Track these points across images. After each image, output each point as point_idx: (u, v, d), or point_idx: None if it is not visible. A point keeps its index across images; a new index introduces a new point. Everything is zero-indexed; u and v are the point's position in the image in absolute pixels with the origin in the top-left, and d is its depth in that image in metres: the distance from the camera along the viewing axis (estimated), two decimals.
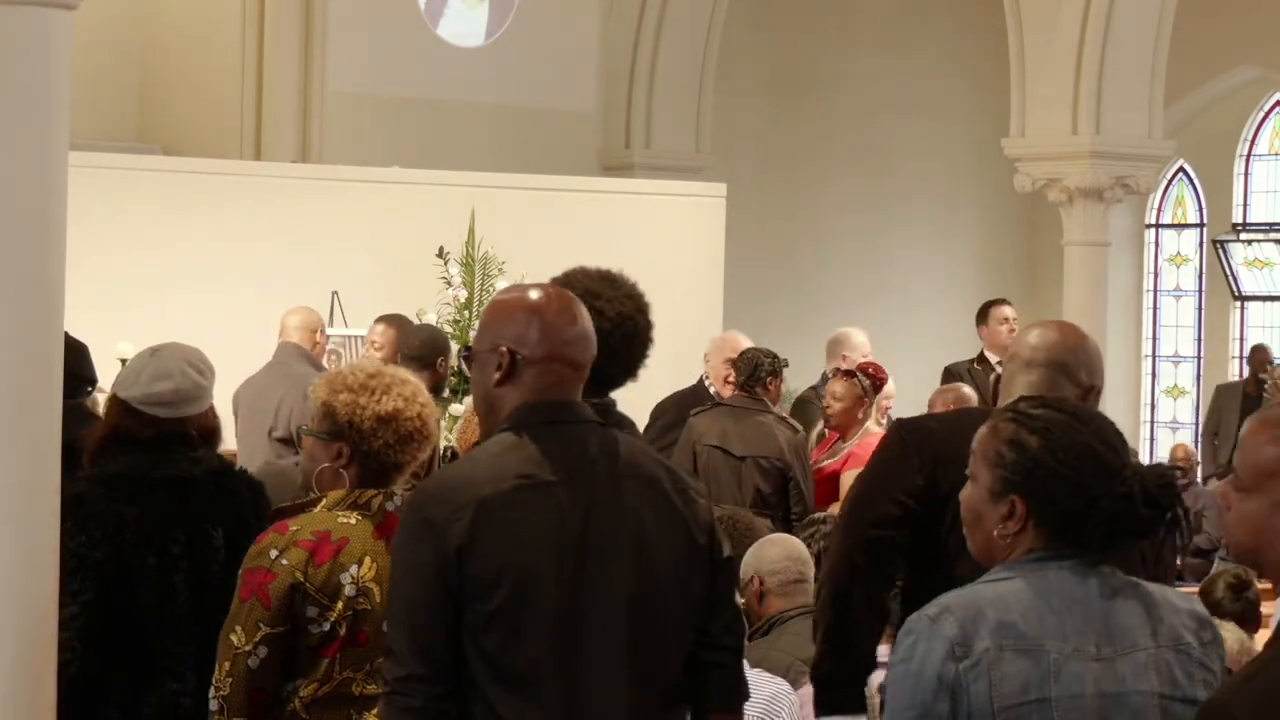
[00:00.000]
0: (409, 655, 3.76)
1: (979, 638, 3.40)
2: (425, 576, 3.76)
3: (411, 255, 11.58)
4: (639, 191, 13.79)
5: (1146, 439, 18.89)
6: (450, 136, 14.37)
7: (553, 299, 4.00)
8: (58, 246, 4.44)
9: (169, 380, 4.89)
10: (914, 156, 18.14)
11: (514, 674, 3.78)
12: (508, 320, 3.97)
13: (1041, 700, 3.40)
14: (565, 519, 3.83)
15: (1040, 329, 4.56)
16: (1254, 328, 18.62)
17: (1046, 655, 3.42)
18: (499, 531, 3.78)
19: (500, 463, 3.83)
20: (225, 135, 14.23)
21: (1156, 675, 3.47)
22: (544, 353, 3.92)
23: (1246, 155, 18.69)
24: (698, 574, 3.96)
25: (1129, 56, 13.07)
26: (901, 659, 3.45)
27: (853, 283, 17.67)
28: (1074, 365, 4.46)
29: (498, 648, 3.77)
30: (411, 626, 3.77)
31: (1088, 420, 3.54)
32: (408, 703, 3.76)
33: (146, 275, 11.55)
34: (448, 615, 3.76)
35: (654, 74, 15.93)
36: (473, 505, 3.77)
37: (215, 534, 4.85)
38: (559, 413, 3.93)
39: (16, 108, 4.36)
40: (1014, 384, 4.46)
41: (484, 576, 3.76)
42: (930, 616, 3.44)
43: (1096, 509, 3.46)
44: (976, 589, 3.49)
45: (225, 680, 4.40)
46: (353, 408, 4.54)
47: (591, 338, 4.02)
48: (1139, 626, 3.49)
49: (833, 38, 17.82)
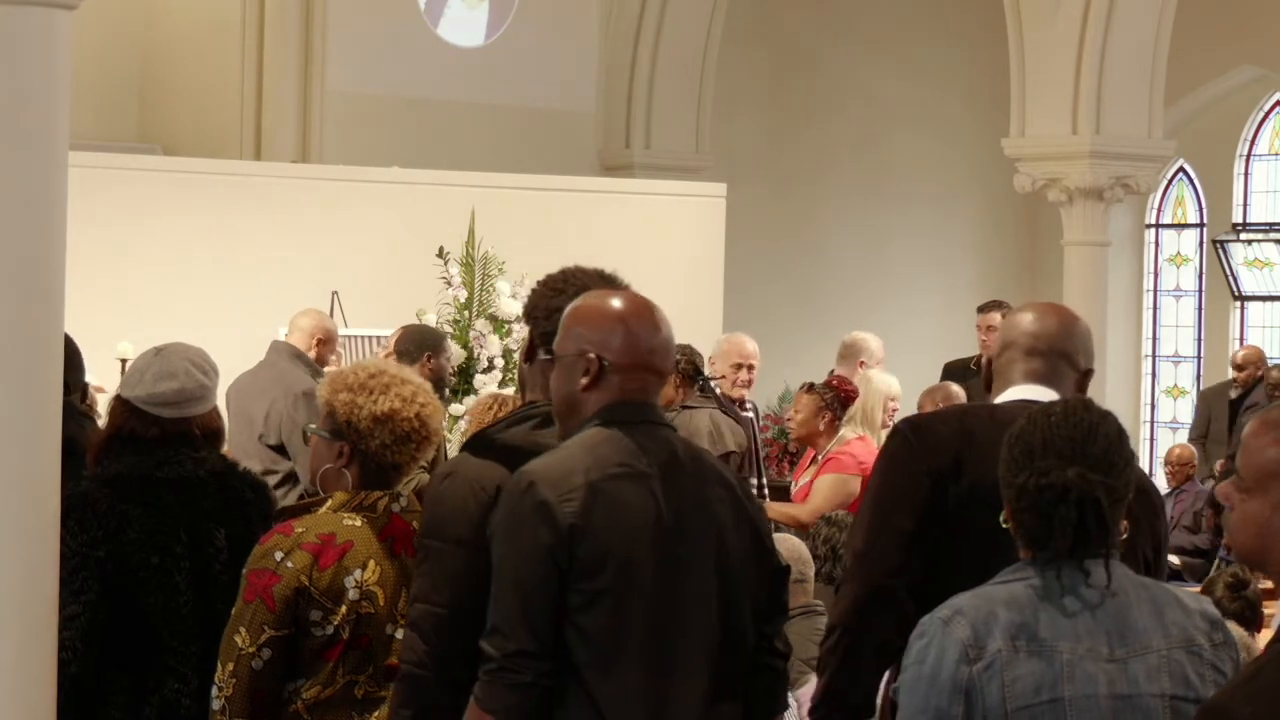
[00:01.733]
0: (520, 631, 3.86)
1: (991, 639, 3.41)
2: (539, 555, 3.87)
3: (411, 255, 11.58)
4: (639, 191, 13.79)
5: (1146, 439, 18.88)
6: (450, 136, 14.37)
7: (638, 306, 4.13)
8: (58, 246, 4.44)
9: (173, 380, 4.89)
10: (914, 156, 18.13)
11: (608, 654, 3.90)
12: (595, 326, 4.09)
13: (1054, 701, 3.41)
14: (661, 510, 3.97)
15: (1035, 314, 4.43)
16: (1254, 328, 18.61)
17: (1059, 656, 3.42)
18: (607, 514, 3.91)
19: (600, 452, 3.97)
20: (225, 135, 14.22)
21: (1169, 677, 3.48)
22: (630, 360, 4.06)
23: (1246, 155, 18.67)
24: (763, 578, 4.12)
25: (1129, 56, 13.07)
26: (915, 661, 3.45)
27: (853, 282, 17.67)
28: (1073, 351, 4.41)
29: (596, 628, 3.89)
30: (523, 604, 3.87)
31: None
32: (517, 679, 3.86)
33: (146, 275, 11.54)
34: (557, 594, 3.88)
35: (654, 74, 15.92)
36: (583, 488, 3.90)
37: (218, 534, 4.85)
38: (645, 413, 4.08)
39: (16, 108, 4.36)
40: (1013, 370, 4.39)
41: (592, 557, 3.89)
42: (943, 619, 3.45)
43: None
44: (988, 590, 3.49)
45: (229, 681, 4.40)
46: (351, 407, 4.55)
47: (672, 345, 4.18)
48: (1151, 627, 3.49)
49: (833, 38, 17.81)
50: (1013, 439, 3.54)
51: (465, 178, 12.63)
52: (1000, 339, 4.48)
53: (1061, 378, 4.33)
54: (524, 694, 3.86)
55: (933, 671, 3.41)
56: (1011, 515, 3.52)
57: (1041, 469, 3.46)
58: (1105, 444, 3.51)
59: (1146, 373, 19.26)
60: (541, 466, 3.98)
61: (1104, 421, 3.53)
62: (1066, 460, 3.47)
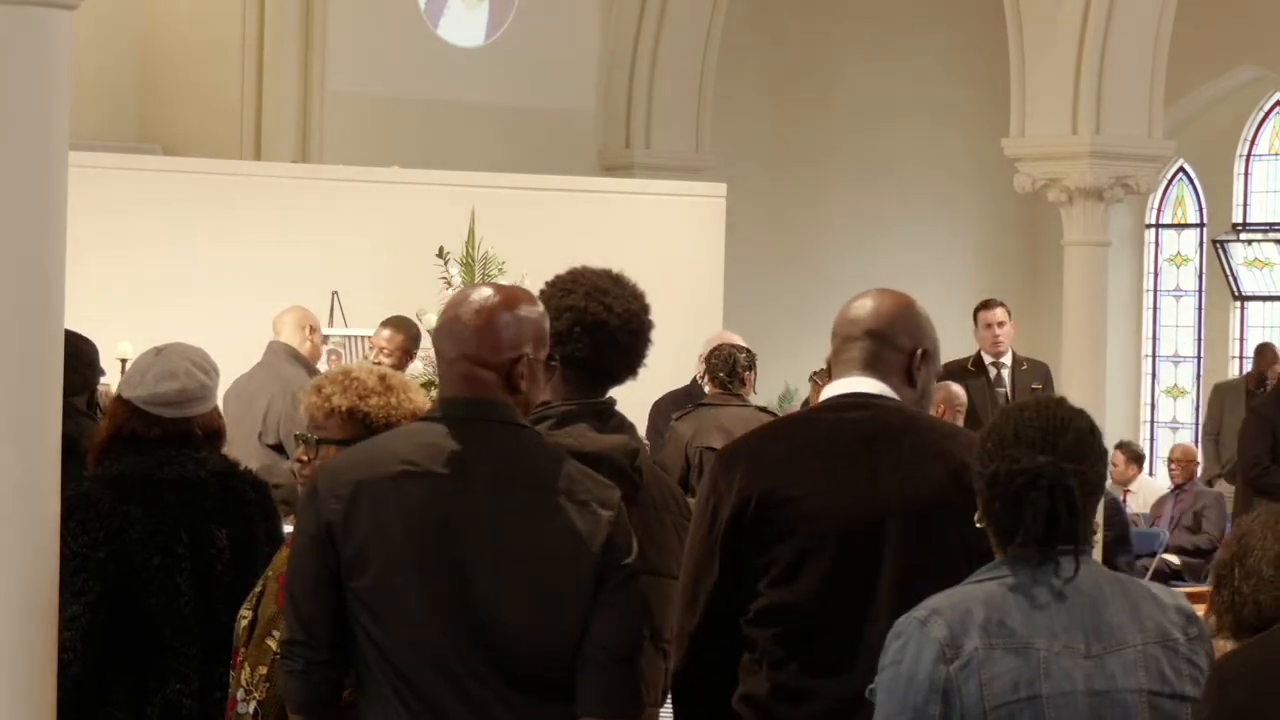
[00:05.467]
0: (291, 620, 4.00)
1: (968, 638, 3.41)
2: (307, 549, 3.98)
3: (411, 255, 11.58)
4: (639, 191, 13.79)
5: (1146, 439, 18.88)
6: (450, 136, 14.37)
7: (474, 297, 4.10)
8: (58, 246, 4.44)
9: (175, 380, 4.89)
10: (914, 156, 18.13)
11: (387, 655, 3.91)
12: (439, 321, 4.19)
13: (1032, 698, 3.40)
14: (444, 510, 3.92)
15: (858, 301, 4.40)
16: (1254, 328, 18.61)
17: (1036, 653, 3.42)
18: (372, 514, 3.92)
19: (395, 447, 4.01)
20: (225, 135, 14.22)
21: (1145, 672, 3.48)
22: (456, 352, 4.05)
23: (1246, 155, 18.68)
24: (579, 579, 3.96)
25: (1129, 56, 13.05)
26: (892, 662, 3.45)
27: (853, 282, 17.53)
28: (893, 332, 4.31)
29: (371, 624, 3.92)
30: (292, 595, 3.99)
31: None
32: (290, 666, 3.99)
33: (146, 275, 11.54)
34: (329, 586, 3.94)
35: (654, 74, 15.92)
36: (351, 485, 3.94)
37: (219, 535, 4.84)
38: (471, 409, 4.02)
39: (16, 108, 4.36)
40: (838, 361, 4.28)
41: (354, 557, 3.91)
42: (919, 619, 3.45)
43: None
44: (965, 589, 3.50)
45: (261, 684, 4.36)
46: (386, 409, 4.51)
47: (516, 333, 4.05)
48: (1127, 623, 3.49)
49: (833, 38, 17.81)
50: (985, 434, 3.56)
51: (465, 178, 12.63)
52: (834, 329, 4.38)
53: (882, 360, 4.24)
54: (299, 681, 3.96)
55: (910, 672, 3.41)
56: (984, 509, 3.52)
57: (1013, 456, 3.47)
58: (1077, 435, 3.51)
59: (1146, 373, 19.27)
60: (333, 461, 4.08)
61: (1076, 416, 3.55)
62: (1038, 449, 3.47)
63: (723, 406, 9.65)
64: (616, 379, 4.57)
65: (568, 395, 4.54)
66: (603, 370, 4.56)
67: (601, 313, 4.52)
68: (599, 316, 4.51)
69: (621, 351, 4.54)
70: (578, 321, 4.51)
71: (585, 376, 4.55)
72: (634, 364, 4.59)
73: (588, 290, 4.49)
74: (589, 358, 4.52)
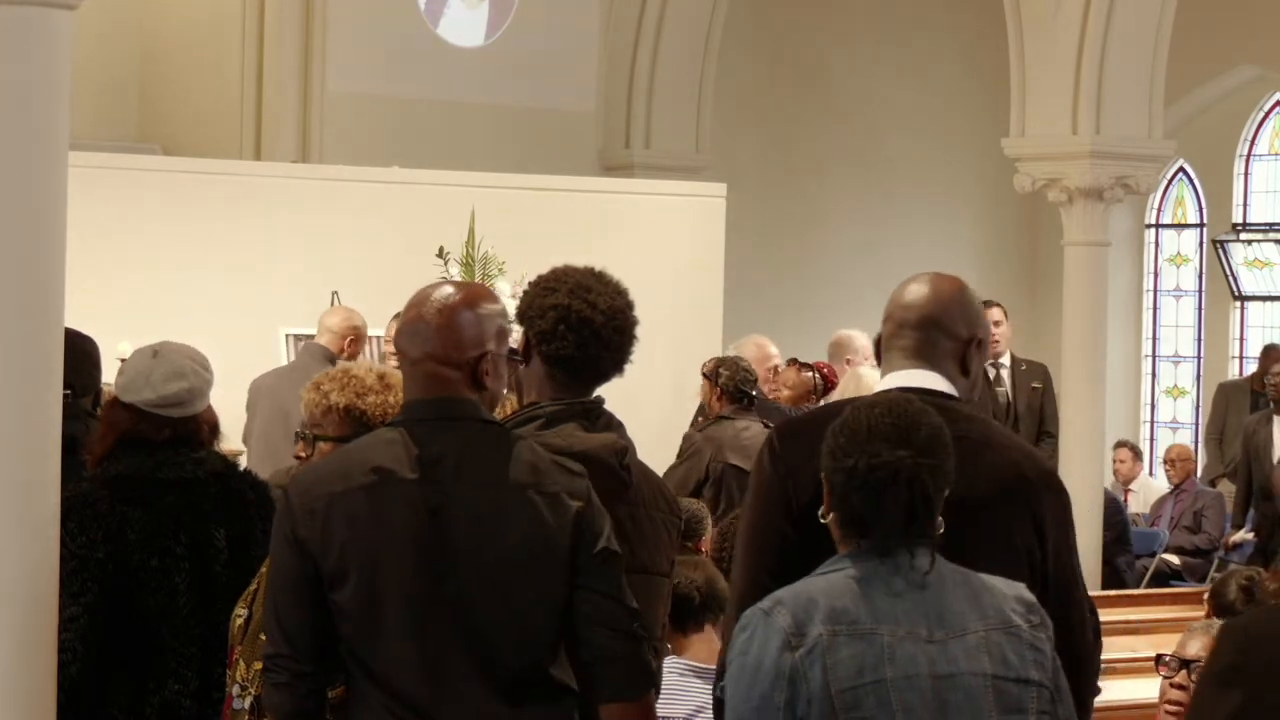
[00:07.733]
0: (274, 633, 3.99)
1: (812, 625, 3.50)
2: (285, 563, 3.99)
3: (411, 255, 11.56)
4: (639, 191, 13.78)
5: (1146, 439, 18.88)
6: (450, 136, 14.37)
7: (432, 295, 4.12)
8: (58, 246, 4.44)
9: (183, 380, 4.89)
10: (913, 156, 18.13)
11: (374, 662, 3.91)
12: (401, 322, 4.18)
13: (877, 682, 3.49)
14: (417, 514, 3.93)
15: (911, 286, 4.34)
16: (1254, 328, 18.61)
17: (879, 639, 3.52)
18: (347, 527, 3.92)
19: (365, 456, 4.00)
20: (225, 135, 14.22)
21: (988, 657, 3.57)
22: (419, 351, 4.08)
23: (1246, 155, 18.67)
24: (554, 571, 3.98)
25: (1129, 56, 13.05)
26: (739, 653, 3.53)
27: (852, 281, 17.65)
28: (950, 320, 4.22)
29: (355, 636, 3.93)
30: (274, 608, 3.98)
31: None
32: (275, 679, 3.98)
33: (146, 275, 11.53)
34: (309, 599, 3.94)
35: (654, 74, 15.91)
36: (325, 499, 3.95)
37: (218, 535, 4.84)
38: (438, 409, 4.03)
39: (16, 107, 4.36)
40: (890, 349, 4.24)
41: (335, 570, 3.92)
42: (764, 610, 3.54)
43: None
44: (807, 581, 3.59)
45: (257, 680, 4.37)
46: (384, 408, 4.52)
47: (475, 329, 4.09)
48: (967, 610, 3.60)
49: (832, 38, 17.81)
50: (836, 429, 3.64)
51: (465, 178, 12.63)
52: (885, 315, 4.29)
53: (937, 347, 4.17)
54: (284, 694, 3.95)
55: (756, 661, 3.50)
56: (836, 502, 3.61)
57: (871, 451, 3.56)
58: (930, 432, 3.62)
59: (1146, 373, 19.26)
60: (303, 475, 4.07)
61: (925, 414, 3.65)
62: (895, 444, 3.57)
63: (736, 421, 9.51)
64: (604, 376, 4.55)
65: (555, 394, 4.52)
66: (590, 368, 4.54)
67: (586, 310, 4.50)
68: (584, 314, 4.50)
69: (608, 348, 4.52)
70: (562, 319, 4.50)
71: (572, 375, 4.53)
72: (620, 361, 4.58)
73: (571, 288, 4.48)
74: (575, 355, 4.51)
